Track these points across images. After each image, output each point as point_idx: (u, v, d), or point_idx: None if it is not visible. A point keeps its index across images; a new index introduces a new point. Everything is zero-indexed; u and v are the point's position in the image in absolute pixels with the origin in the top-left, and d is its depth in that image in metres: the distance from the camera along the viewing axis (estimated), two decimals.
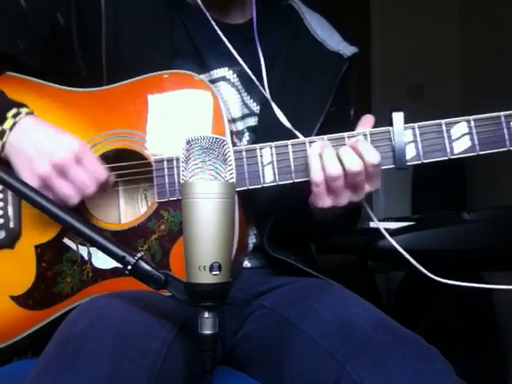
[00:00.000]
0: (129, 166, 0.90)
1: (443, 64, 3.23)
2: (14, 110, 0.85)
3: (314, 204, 0.85)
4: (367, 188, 0.83)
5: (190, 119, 0.89)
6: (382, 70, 3.36)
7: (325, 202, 0.83)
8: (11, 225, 0.90)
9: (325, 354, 0.73)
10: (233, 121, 0.99)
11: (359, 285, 1.89)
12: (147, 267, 0.67)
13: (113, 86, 0.92)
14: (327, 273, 0.98)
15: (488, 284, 0.85)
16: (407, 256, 0.86)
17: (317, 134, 0.94)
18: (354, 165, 0.80)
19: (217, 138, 0.65)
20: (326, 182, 0.81)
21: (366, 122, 0.87)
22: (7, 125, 0.84)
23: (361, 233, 1.52)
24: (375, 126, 0.87)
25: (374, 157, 0.80)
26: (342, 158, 0.81)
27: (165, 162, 0.87)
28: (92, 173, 0.84)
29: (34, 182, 0.82)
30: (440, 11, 3.26)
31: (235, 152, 0.85)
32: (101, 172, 0.85)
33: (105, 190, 0.88)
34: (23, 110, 0.86)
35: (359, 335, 0.73)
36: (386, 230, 0.88)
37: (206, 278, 0.63)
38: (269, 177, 0.86)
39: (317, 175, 0.81)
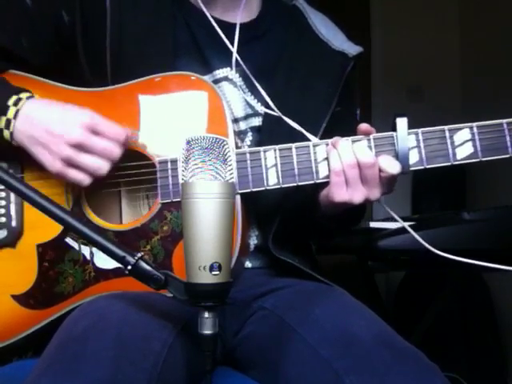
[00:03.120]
0: (132, 167, 0.90)
1: (443, 64, 3.23)
2: (13, 98, 0.86)
3: (330, 198, 0.86)
4: (382, 186, 0.84)
5: (194, 120, 0.89)
6: (381, 70, 3.36)
7: (342, 195, 0.84)
8: (13, 224, 0.90)
9: (323, 363, 0.72)
10: (235, 121, 0.99)
11: (359, 285, 1.90)
12: (147, 267, 0.67)
13: (116, 86, 0.92)
14: (327, 273, 0.97)
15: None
16: (418, 238, 0.88)
17: (323, 135, 0.94)
18: (366, 156, 0.82)
19: (217, 138, 0.66)
20: (344, 172, 0.82)
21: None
22: (10, 114, 0.85)
23: (361, 233, 1.52)
24: (376, 128, 0.87)
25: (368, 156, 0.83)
26: (356, 151, 0.83)
27: (169, 163, 0.87)
28: (111, 136, 0.84)
29: (57, 166, 0.83)
30: (440, 11, 3.26)
31: (239, 154, 0.86)
32: (119, 132, 0.85)
33: (126, 147, 0.87)
34: (23, 96, 0.86)
35: (359, 347, 0.72)
36: (386, 229, 0.89)
37: (206, 278, 0.63)
38: (272, 179, 0.86)
39: (335, 164, 0.83)
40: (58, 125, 0.83)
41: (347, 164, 0.82)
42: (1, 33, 0.93)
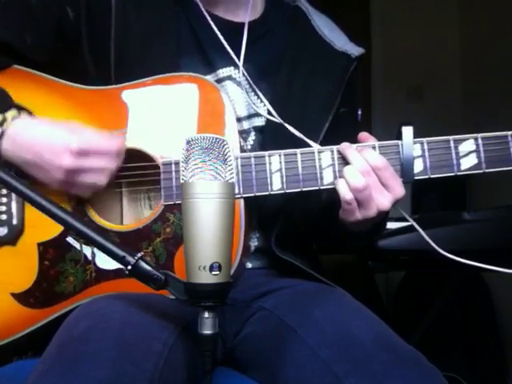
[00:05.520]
0: (135, 168, 0.90)
1: (443, 64, 3.23)
2: None
3: (344, 219, 0.85)
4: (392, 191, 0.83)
5: (198, 121, 0.89)
6: (381, 70, 3.36)
7: (356, 215, 0.83)
8: (14, 221, 0.89)
9: (323, 365, 0.72)
10: (238, 120, 0.99)
11: (359, 285, 1.90)
12: (147, 267, 0.67)
13: (120, 85, 0.92)
14: (327, 273, 0.97)
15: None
16: (427, 238, 0.87)
17: (325, 136, 0.94)
18: (379, 161, 0.81)
19: (217, 138, 0.66)
20: (356, 198, 0.81)
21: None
22: None
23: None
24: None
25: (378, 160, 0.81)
26: (367, 158, 0.81)
27: (173, 165, 0.87)
28: (103, 152, 0.84)
29: (55, 186, 0.84)
30: (440, 11, 3.26)
31: (244, 158, 0.85)
32: (110, 145, 0.84)
33: (123, 154, 0.87)
34: (9, 116, 0.85)
35: (358, 350, 0.72)
36: (386, 229, 0.88)
37: (206, 278, 0.63)
38: (276, 184, 0.86)
39: (346, 194, 0.81)
40: (47, 152, 0.82)
41: (357, 189, 0.80)
42: (5, 29, 0.92)
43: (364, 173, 0.81)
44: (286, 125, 0.92)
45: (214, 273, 0.63)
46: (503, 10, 2.66)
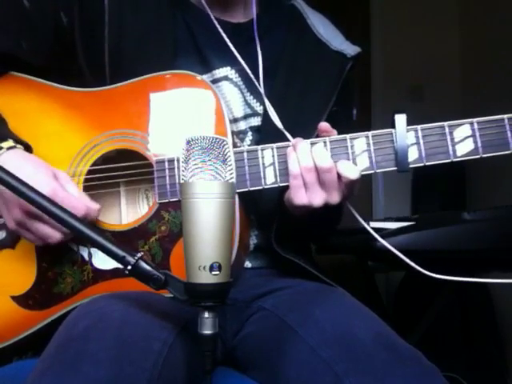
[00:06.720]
0: (130, 167, 0.90)
1: (443, 64, 3.23)
2: None
3: (290, 201, 0.85)
4: (341, 190, 0.83)
5: (192, 120, 0.89)
6: (381, 70, 3.36)
7: (301, 198, 0.83)
8: None
9: (323, 364, 0.72)
10: (235, 120, 0.99)
11: (359, 285, 1.90)
12: (147, 267, 0.67)
13: (115, 85, 0.92)
14: (327, 273, 0.97)
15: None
16: (399, 254, 0.86)
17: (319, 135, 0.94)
18: (323, 160, 0.81)
19: (217, 138, 0.66)
20: (302, 176, 0.82)
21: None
22: None
23: (361, 233, 1.52)
24: (375, 130, 0.86)
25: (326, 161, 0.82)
26: (313, 155, 0.82)
27: (166, 163, 0.87)
28: (54, 224, 0.82)
29: (10, 226, 0.84)
30: (440, 11, 3.26)
31: (236, 153, 0.86)
32: (78, 207, 0.83)
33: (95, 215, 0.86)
34: (5, 145, 0.84)
35: (359, 349, 0.72)
36: (386, 229, 0.88)
37: (206, 278, 0.63)
38: (270, 178, 0.86)
39: (293, 167, 0.82)
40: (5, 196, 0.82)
41: (305, 167, 0.82)
42: (1, 35, 0.93)
43: (304, 171, 0.82)
44: (278, 123, 0.91)
45: (213, 273, 0.63)
46: (503, 10, 2.66)
